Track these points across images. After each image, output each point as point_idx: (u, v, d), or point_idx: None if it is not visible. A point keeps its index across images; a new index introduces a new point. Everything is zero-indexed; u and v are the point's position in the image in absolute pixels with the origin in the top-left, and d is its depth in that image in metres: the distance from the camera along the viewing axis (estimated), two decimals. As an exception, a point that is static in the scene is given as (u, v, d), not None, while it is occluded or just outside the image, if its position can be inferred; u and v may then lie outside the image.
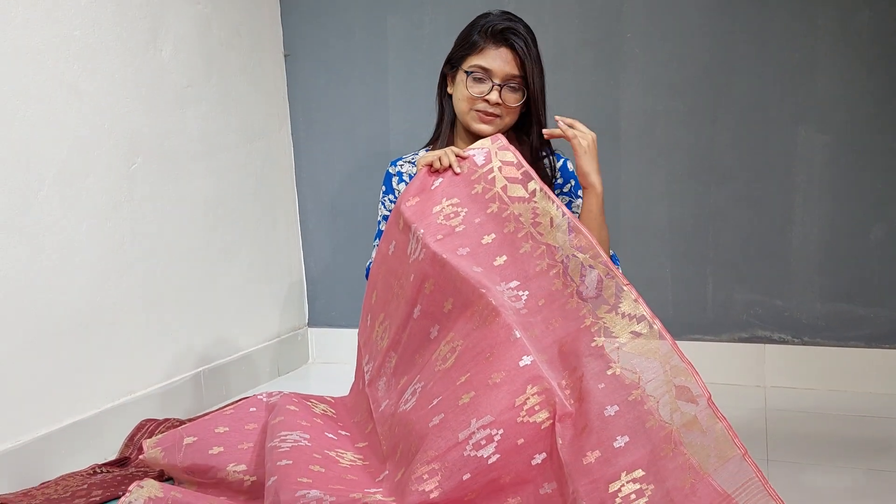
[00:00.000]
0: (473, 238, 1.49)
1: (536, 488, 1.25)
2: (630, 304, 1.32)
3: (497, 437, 1.22)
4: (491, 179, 1.55)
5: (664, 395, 1.23)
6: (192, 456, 1.58)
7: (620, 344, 1.29)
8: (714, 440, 1.19)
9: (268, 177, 2.76)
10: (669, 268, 2.52)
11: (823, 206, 2.36)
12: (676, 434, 1.20)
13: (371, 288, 1.70)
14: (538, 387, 1.26)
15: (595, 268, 1.36)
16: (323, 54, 2.83)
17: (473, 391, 1.27)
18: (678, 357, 1.25)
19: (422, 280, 1.47)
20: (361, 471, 1.44)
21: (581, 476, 1.19)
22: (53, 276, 1.87)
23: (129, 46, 2.10)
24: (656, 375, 1.25)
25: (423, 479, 1.22)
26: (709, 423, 1.20)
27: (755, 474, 1.16)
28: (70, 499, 1.64)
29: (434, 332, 1.45)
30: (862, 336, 2.37)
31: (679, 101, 2.46)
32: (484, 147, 1.61)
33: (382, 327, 1.61)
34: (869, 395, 2.32)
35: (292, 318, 2.92)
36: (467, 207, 1.54)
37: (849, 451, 1.90)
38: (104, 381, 2.01)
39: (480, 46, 1.69)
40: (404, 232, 1.57)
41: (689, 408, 1.22)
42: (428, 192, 1.59)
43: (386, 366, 1.57)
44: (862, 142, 2.30)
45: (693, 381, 1.23)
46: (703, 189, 2.47)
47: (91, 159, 1.97)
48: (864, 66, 2.28)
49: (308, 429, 1.53)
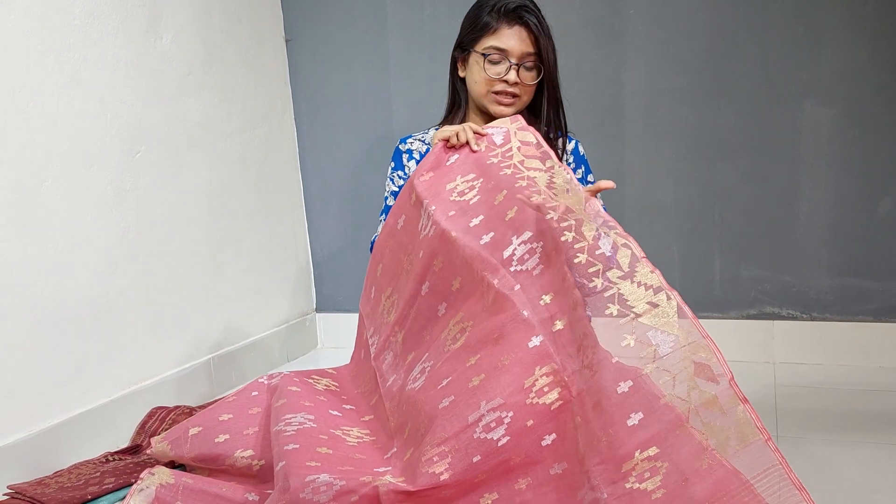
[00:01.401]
0: (487, 203, 1.45)
1: (546, 469, 1.24)
2: (646, 274, 1.24)
3: (507, 420, 1.21)
4: (509, 156, 1.50)
5: (682, 370, 1.18)
6: (198, 446, 1.59)
7: (636, 314, 1.22)
8: (735, 422, 1.14)
9: (272, 163, 2.76)
10: (676, 246, 2.51)
11: (830, 181, 2.35)
12: (693, 412, 1.15)
13: (376, 261, 1.69)
14: (547, 367, 1.24)
15: (610, 235, 1.29)
16: (324, 40, 2.82)
17: (483, 374, 1.26)
18: (698, 332, 1.18)
19: (431, 257, 1.46)
20: (370, 447, 1.44)
21: (594, 455, 1.18)
22: (60, 267, 1.87)
23: (130, 35, 2.09)
24: (673, 350, 1.18)
25: (434, 461, 1.22)
26: (729, 405, 1.14)
27: (778, 462, 1.11)
28: (83, 486, 1.65)
29: (442, 309, 1.44)
30: (870, 310, 2.36)
31: (683, 78, 2.44)
32: (503, 127, 1.57)
33: (390, 301, 1.60)
34: (878, 369, 2.32)
35: (300, 304, 2.93)
36: (482, 178, 1.50)
37: (858, 425, 1.90)
38: (115, 370, 2.03)
39: (494, 27, 1.67)
40: (416, 207, 1.55)
41: (709, 386, 1.16)
42: (443, 168, 1.56)
43: (392, 340, 1.56)
44: (868, 115, 2.29)
45: (715, 358, 1.16)
46: (709, 166, 2.46)
47: (94, 149, 1.97)
48: (869, 38, 2.25)
49: (311, 409, 1.53)
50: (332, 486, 1.23)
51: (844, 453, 1.74)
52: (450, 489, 1.22)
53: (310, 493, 1.23)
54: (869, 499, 1.52)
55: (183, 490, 1.47)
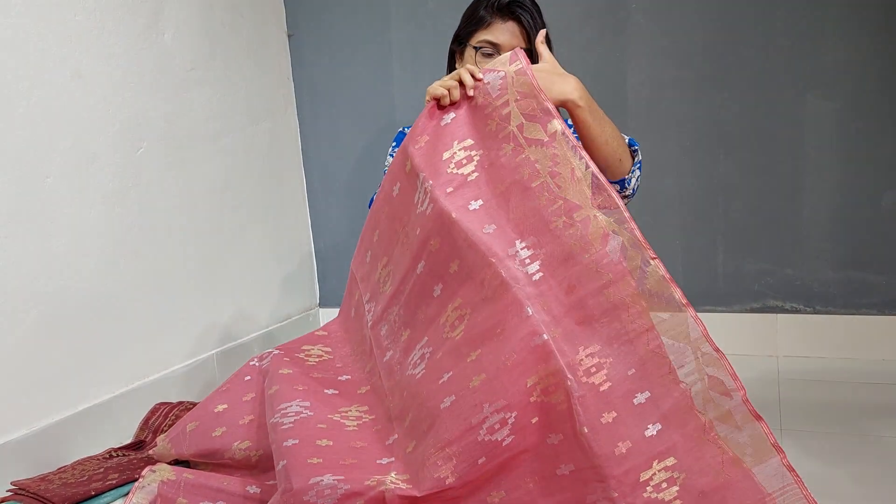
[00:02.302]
0: (486, 187, 1.40)
1: (553, 468, 1.22)
2: (657, 282, 1.21)
3: (511, 420, 1.20)
4: (506, 115, 1.41)
5: (697, 382, 1.18)
6: (196, 442, 1.59)
7: (648, 327, 1.21)
8: (750, 438, 1.15)
9: (275, 157, 2.75)
10: (679, 239, 2.51)
11: (833, 174, 2.34)
12: (710, 424, 1.16)
13: (373, 224, 1.64)
14: (552, 367, 1.21)
15: (619, 234, 1.24)
16: (326, 33, 2.82)
17: (484, 373, 1.23)
18: (709, 345, 1.18)
19: (427, 236, 1.41)
20: (369, 431, 1.43)
21: (613, 466, 1.16)
22: (64, 262, 1.88)
23: (131, 30, 2.09)
24: (688, 362, 1.18)
25: (438, 466, 1.21)
26: (743, 420, 1.16)
27: (794, 480, 1.14)
28: (87, 482, 1.66)
29: (437, 290, 1.40)
30: (874, 304, 2.35)
31: (686, 71, 2.43)
32: (500, 70, 1.44)
33: (386, 271, 1.57)
34: (882, 362, 2.31)
35: (303, 299, 2.93)
36: (481, 150, 1.43)
37: (862, 418, 1.89)
38: (118, 366, 2.03)
39: (487, 21, 1.69)
40: (411, 177, 1.49)
41: (724, 401, 1.17)
42: (438, 130, 1.48)
43: (388, 313, 1.53)
44: (872, 108, 2.27)
45: (726, 373, 1.17)
46: (712, 159, 2.45)
47: (97, 145, 1.97)
48: (873, 30, 2.24)
49: (306, 393, 1.51)
50: (337, 489, 1.22)
51: (848, 446, 1.73)
52: (456, 491, 1.21)
53: (314, 496, 1.21)
54: (872, 493, 1.51)
55: (184, 485, 1.48)
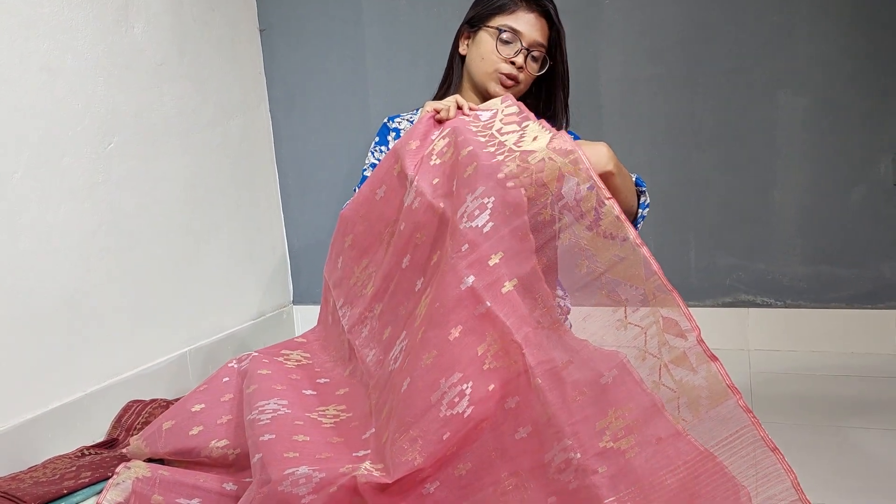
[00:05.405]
0: (452, 160, 1.40)
1: (513, 433, 1.21)
2: (612, 222, 1.18)
3: (468, 391, 1.19)
4: (490, 126, 1.45)
5: (651, 325, 1.16)
6: (173, 441, 1.57)
7: (603, 270, 1.20)
8: (705, 380, 1.12)
9: (247, 153, 2.73)
10: (652, 235, 2.53)
11: (804, 169, 2.37)
12: (664, 368, 1.14)
13: (345, 230, 1.64)
14: (498, 332, 1.21)
15: (575, 175, 1.23)
16: (299, 29, 2.80)
17: (435, 350, 1.23)
18: (661, 281, 1.15)
19: (414, 230, 1.42)
20: (346, 427, 1.42)
21: (568, 415, 1.15)
22: (32, 260, 1.84)
23: (101, 24, 2.06)
24: (642, 304, 1.16)
25: (405, 450, 1.21)
26: (698, 362, 1.12)
27: (750, 422, 1.10)
28: (59, 481, 1.63)
29: (419, 284, 1.41)
30: (843, 297, 2.39)
31: (659, 67, 2.45)
32: (492, 108, 1.52)
33: (366, 273, 1.57)
34: (850, 354, 2.35)
35: (277, 296, 2.91)
36: (460, 135, 1.43)
37: (832, 410, 1.92)
38: (89, 364, 2.00)
39: (511, 8, 1.66)
40: (400, 178, 1.50)
41: (678, 342, 1.14)
42: (428, 135, 1.52)
43: (369, 315, 1.53)
44: (841, 104, 2.31)
45: (680, 312, 1.14)
46: (684, 155, 2.47)
47: (65, 140, 1.94)
48: (843, 28, 2.27)
49: (284, 392, 1.50)
50: (312, 478, 1.22)
51: (818, 438, 1.76)
52: (425, 471, 1.21)
53: (289, 485, 1.22)
54: (843, 483, 1.54)
55: (160, 482, 1.46)
